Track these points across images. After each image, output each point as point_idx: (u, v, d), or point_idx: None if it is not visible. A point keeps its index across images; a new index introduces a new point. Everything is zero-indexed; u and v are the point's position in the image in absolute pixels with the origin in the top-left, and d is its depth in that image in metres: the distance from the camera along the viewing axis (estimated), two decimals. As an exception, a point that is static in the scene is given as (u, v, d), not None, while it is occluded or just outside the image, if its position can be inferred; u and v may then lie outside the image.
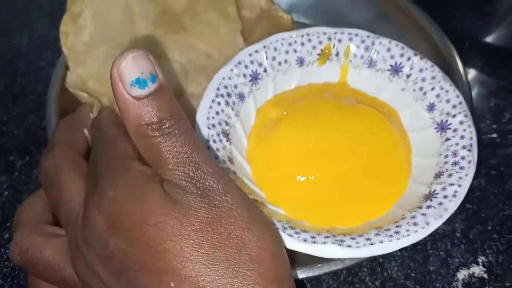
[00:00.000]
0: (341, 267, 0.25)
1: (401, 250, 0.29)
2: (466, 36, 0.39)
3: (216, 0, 0.32)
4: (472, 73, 0.38)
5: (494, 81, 0.37)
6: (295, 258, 0.25)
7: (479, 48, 0.39)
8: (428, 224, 0.23)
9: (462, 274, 0.29)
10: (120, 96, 0.18)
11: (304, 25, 0.39)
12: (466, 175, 0.25)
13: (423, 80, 0.30)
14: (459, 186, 0.25)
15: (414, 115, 0.30)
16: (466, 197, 0.31)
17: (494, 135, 0.34)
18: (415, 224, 0.23)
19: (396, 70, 0.31)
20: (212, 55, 0.30)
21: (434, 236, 0.30)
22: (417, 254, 0.29)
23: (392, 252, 0.28)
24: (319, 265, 0.25)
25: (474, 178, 0.31)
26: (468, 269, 0.29)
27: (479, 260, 0.29)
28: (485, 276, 0.29)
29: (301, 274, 0.25)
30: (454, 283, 0.28)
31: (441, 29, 0.35)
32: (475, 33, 0.39)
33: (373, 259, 0.29)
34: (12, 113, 0.36)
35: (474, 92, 0.37)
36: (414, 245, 0.29)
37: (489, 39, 0.39)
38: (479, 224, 0.30)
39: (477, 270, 0.29)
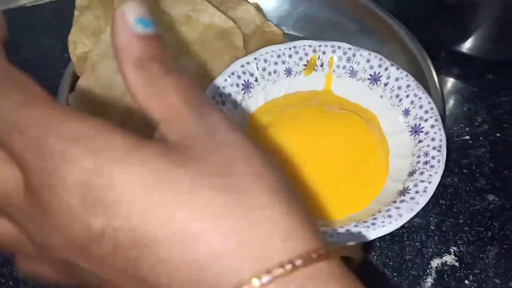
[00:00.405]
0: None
1: (380, 241, 0.32)
2: (442, 47, 0.42)
3: (224, 31, 0.35)
4: (447, 81, 0.41)
5: (468, 87, 0.41)
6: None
7: (454, 58, 0.42)
8: (401, 216, 0.26)
9: (435, 263, 0.31)
10: (122, 32, 0.18)
11: (294, 37, 0.42)
12: (436, 172, 0.28)
13: (399, 88, 0.33)
14: (429, 182, 0.27)
15: (391, 120, 0.33)
16: (440, 194, 0.34)
17: (467, 137, 0.37)
18: (389, 216, 0.26)
19: (375, 79, 0.34)
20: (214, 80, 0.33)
21: (410, 229, 0.32)
22: (395, 244, 0.32)
23: (372, 244, 0.31)
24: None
25: (448, 176, 0.35)
26: (441, 258, 0.32)
27: (451, 250, 0.32)
28: (457, 264, 0.31)
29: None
30: (428, 271, 0.31)
31: (418, 41, 0.38)
32: (450, 44, 0.42)
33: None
34: (21, 121, 0.39)
35: (449, 98, 0.40)
36: (392, 237, 0.32)
37: (463, 49, 0.42)
38: (451, 218, 0.33)
39: (449, 259, 0.32)
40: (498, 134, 0.37)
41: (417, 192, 0.27)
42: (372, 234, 0.25)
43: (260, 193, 0.17)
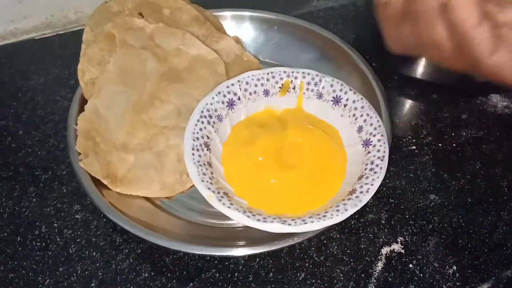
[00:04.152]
0: (292, 243, 0.34)
1: (340, 233, 0.38)
2: (395, 72, 0.49)
3: (209, 61, 0.42)
4: (399, 100, 0.48)
5: (415, 105, 0.47)
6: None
7: (404, 81, 0.49)
8: (346, 210, 0.33)
9: (385, 250, 0.38)
10: None
11: (269, 63, 0.49)
12: (378, 177, 0.35)
13: (355, 109, 0.40)
14: (372, 185, 0.34)
15: (349, 134, 0.40)
16: (390, 194, 0.40)
17: (414, 147, 0.44)
18: (337, 210, 0.33)
19: (337, 101, 0.41)
20: (200, 100, 0.39)
21: (365, 223, 0.39)
22: (352, 236, 0.38)
23: (333, 235, 0.38)
24: (276, 241, 0.33)
25: (397, 180, 0.41)
26: (390, 246, 0.38)
27: (398, 240, 0.38)
28: (402, 251, 0.38)
29: (264, 248, 0.33)
30: (379, 257, 0.37)
31: (370, 66, 0.44)
32: (401, 69, 0.49)
33: (319, 240, 0.38)
34: (35, 138, 0.45)
35: (399, 114, 0.47)
36: (350, 230, 0.38)
37: (412, 74, 0.48)
38: (399, 214, 0.40)
39: (397, 247, 0.38)
40: (440, 144, 0.44)
41: (361, 192, 0.34)
42: (322, 224, 0.31)
43: None
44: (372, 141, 0.38)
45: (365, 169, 0.36)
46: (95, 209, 0.37)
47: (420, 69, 0.48)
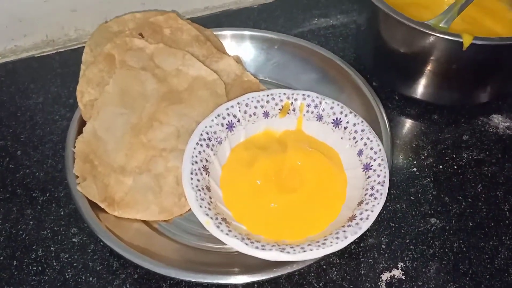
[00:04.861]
0: (291, 271, 0.34)
1: (339, 258, 0.38)
2: (395, 92, 0.49)
3: (209, 82, 0.42)
4: (399, 120, 0.48)
5: (416, 126, 0.47)
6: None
7: (405, 101, 0.49)
8: (346, 238, 0.32)
9: (385, 276, 0.37)
10: None
11: (269, 82, 0.49)
12: (378, 203, 0.35)
13: (355, 132, 0.40)
14: (372, 211, 0.34)
15: (349, 157, 0.40)
16: (390, 217, 0.40)
17: (414, 169, 0.44)
18: (337, 238, 0.32)
19: (337, 123, 0.41)
20: (200, 121, 0.39)
21: (365, 247, 0.38)
22: (352, 261, 0.38)
23: (333, 260, 0.38)
24: (274, 269, 0.33)
25: (397, 203, 0.41)
26: (390, 272, 0.38)
27: (399, 265, 0.38)
28: (403, 277, 0.37)
29: (262, 276, 0.33)
30: (379, 283, 0.37)
31: (371, 88, 0.44)
32: (402, 90, 0.49)
33: (318, 266, 0.37)
34: (33, 159, 0.44)
35: (400, 135, 0.46)
36: (349, 255, 0.38)
37: (412, 94, 0.48)
38: (399, 238, 0.39)
39: (397, 273, 0.38)
40: (441, 166, 0.44)
41: (361, 219, 0.33)
42: (321, 252, 0.31)
43: None
44: (372, 165, 0.37)
45: (365, 194, 0.36)
46: (92, 232, 0.36)
47: (420, 89, 0.47)
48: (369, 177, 0.37)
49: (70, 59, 0.53)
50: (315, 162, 0.39)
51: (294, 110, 0.42)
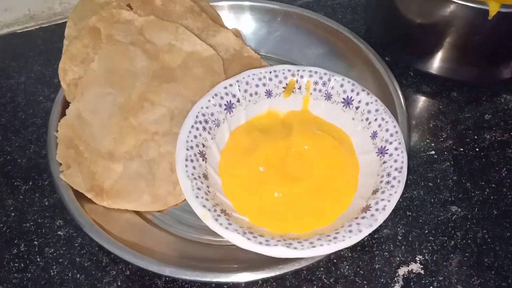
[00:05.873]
0: (298, 267, 0.30)
1: (351, 251, 0.34)
2: (410, 67, 0.46)
3: (205, 58, 0.38)
4: (415, 99, 0.44)
5: (434, 105, 0.44)
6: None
7: (421, 77, 0.46)
8: (360, 231, 0.29)
9: (402, 271, 0.34)
10: None
11: (271, 58, 0.46)
12: (395, 192, 0.31)
13: (369, 112, 0.36)
14: (389, 201, 0.31)
15: (362, 140, 0.37)
16: (407, 206, 0.37)
17: (432, 152, 0.40)
18: (350, 231, 0.29)
19: (347, 102, 0.37)
20: (195, 102, 0.35)
21: (379, 239, 0.35)
22: (365, 254, 0.35)
23: (344, 254, 0.34)
24: (280, 265, 0.30)
25: (414, 189, 0.38)
26: (408, 266, 0.35)
27: (417, 259, 0.35)
28: (422, 272, 0.34)
29: (266, 273, 0.30)
30: (395, 278, 0.34)
31: (385, 63, 0.41)
32: (417, 65, 0.46)
33: (328, 259, 0.34)
34: (15, 144, 0.42)
35: (416, 115, 0.43)
36: (363, 247, 0.35)
37: (429, 69, 0.45)
38: (417, 229, 0.36)
39: (415, 267, 0.35)
40: (462, 149, 0.41)
41: (377, 209, 0.30)
42: (333, 247, 0.28)
43: None
44: (388, 149, 0.34)
45: (381, 181, 0.32)
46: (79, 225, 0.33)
47: (437, 64, 0.44)
48: (384, 162, 0.33)
49: (55, 35, 0.49)
50: (323, 146, 0.36)
51: (299, 88, 0.38)
